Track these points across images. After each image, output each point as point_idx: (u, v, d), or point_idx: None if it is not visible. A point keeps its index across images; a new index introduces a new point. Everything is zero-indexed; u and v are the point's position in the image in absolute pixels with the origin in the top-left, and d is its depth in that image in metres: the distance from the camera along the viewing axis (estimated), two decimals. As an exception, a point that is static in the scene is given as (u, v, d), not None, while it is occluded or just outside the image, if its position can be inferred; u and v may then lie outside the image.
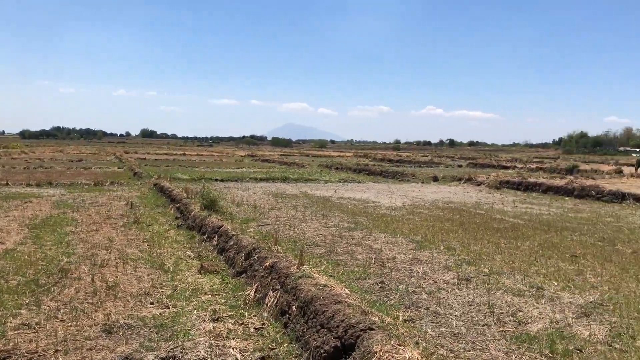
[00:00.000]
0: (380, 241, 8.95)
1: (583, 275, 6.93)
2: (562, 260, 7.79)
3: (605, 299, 5.84)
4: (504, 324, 5.01)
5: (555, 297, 5.92)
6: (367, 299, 5.52)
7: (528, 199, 17.44)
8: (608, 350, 4.39)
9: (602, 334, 4.77)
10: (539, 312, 5.36)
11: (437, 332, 4.73)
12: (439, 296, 5.86)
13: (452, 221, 11.53)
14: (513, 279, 6.64)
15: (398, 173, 27.58)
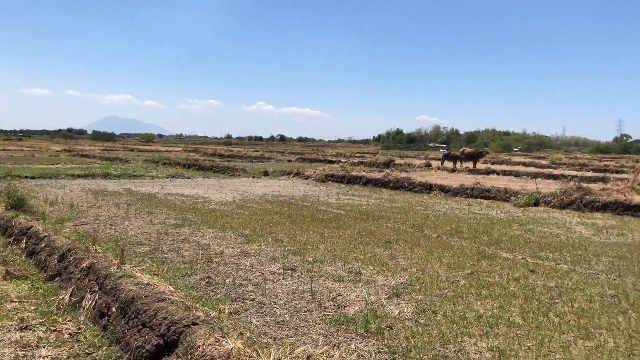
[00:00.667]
0: (208, 237, 8.87)
1: (395, 259, 7.57)
2: (378, 247, 8.43)
3: (413, 280, 6.46)
4: (325, 309, 5.29)
5: (371, 280, 6.40)
6: (192, 295, 5.44)
7: (350, 191, 18.56)
8: (414, 326, 4.87)
9: (410, 311, 5.28)
10: (356, 295, 5.76)
11: (262, 322, 4.84)
12: (265, 287, 5.99)
13: (281, 214, 11.83)
14: (334, 266, 7.03)
15: (229, 168, 27.51)
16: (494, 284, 6.39)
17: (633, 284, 6.52)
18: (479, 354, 4.25)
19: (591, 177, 25.06)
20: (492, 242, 9.11)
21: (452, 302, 5.59)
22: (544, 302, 5.69)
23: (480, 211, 13.61)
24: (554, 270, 7.16)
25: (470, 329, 4.81)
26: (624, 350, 4.37)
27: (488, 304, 5.59)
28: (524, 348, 4.38)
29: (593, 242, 9.38)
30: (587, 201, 14.21)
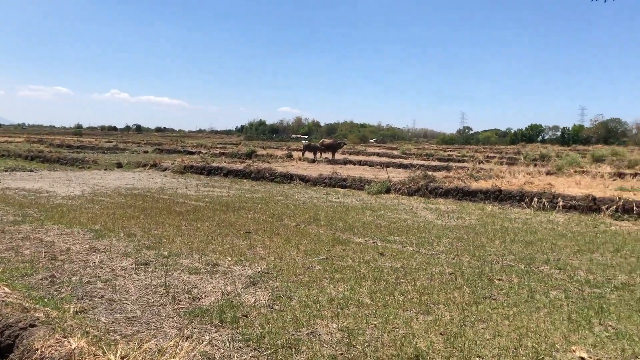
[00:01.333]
0: (53, 233, 8.24)
1: (254, 249, 7.63)
2: (237, 237, 8.42)
3: (270, 268, 6.56)
4: (179, 302, 5.19)
5: (229, 271, 6.39)
6: (32, 296, 5.04)
7: (211, 182, 18.28)
8: (269, 312, 4.96)
9: (265, 299, 5.36)
10: (213, 287, 5.72)
11: (111, 319, 4.63)
12: (115, 283, 5.73)
13: (135, 207, 11.33)
14: (191, 259, 6.91)
15: (78, 160, 25.68)
16: (346, 267, 6.70)
17: (468, 262, 7.21)
18: (330, 335, 4.44)
19: (436, 166, 27.17)
20: (347, 228, 9.53)
21: (307, 287, 5.77)
22: (391, 282, 6.09)
23: (337, 199, 14.14)
24: (400, 253, 7.67)
25: (322, 311, 5.00)
26: (458, 322, 4.82)
27: (340, 286, 5.85)
28: (370, 326, 4.66)
29: (436, 226, 10.19)
30: (431, 188, 15.39)
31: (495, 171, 21.91)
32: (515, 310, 5.20)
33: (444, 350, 4.18)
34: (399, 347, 4.21)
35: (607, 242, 8.83)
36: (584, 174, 21.78)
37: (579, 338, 4.48)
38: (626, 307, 5.35)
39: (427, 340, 4.35)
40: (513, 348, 4.24)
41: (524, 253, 7.86)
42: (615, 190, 15.23)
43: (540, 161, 31.80)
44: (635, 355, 4.15)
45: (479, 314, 5.07)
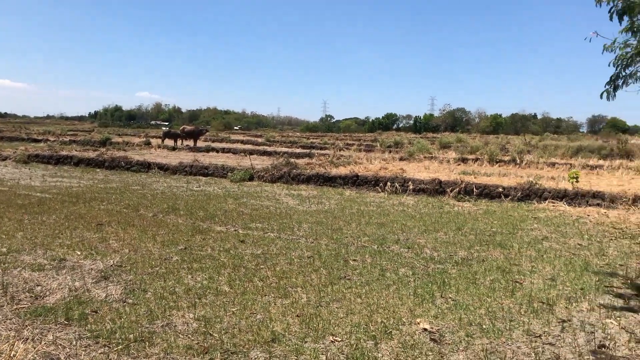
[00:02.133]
0: None
1: (106, 242, 7.22)
2: (87, 230, 7.92)
3: (124, 261, 6.26)
4: (20, 302, 4.77)
5: (77, 266, 5.99)
6: None
7: (59, 172, 16.96)
8: (121, 307, 4.74)
9: (118, 293, 5.11)
10: (59, 283, 5.33)
11: None
12: (-59, 286, 5.11)
13: (-32, 201, 10.17)
14: (34, 255, 6.37)
15: None
16: (205, 256, 6.60)
17: (326, 245, 7.46)
18: (186, 325, 4.36)
19: (300, 153, 27.68)
20: (208, 217, 9.38)
21: (163, 279, 5.60)
22: (251, 268, 6.12)
23: (199, 188, 13.85)
24: (262, 239, 7.73)
25: (179, 302, 4.89)
26: (314, 303, 4.98)
27: (198, 276, 5.76)
28: (228, 313, 4.65)
29: (297, 211, 10.40)
30: (294, 175, 15.66)
31: (354, 158, 22.89)
32: (367, 288, 5.48)
33: (299, 331, 4.29)
34: (256, 331, 4.25)
35: (450, 221, 9.62)
36: (432, 160, 23.51)
37: (423, 311, 4.85)
38: (464, 280, 5.89)
39: (284, 323, 4.44)
40: (364, 324, 4.47)
41: (377, 234, 8.31)
42: (459, 174, 16.64)
43: (394, 148, 33.76)
44: (470, 322, 4.58)
45: (334, 294, 5.27)
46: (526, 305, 5.04)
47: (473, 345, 4.11)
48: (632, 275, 6.20)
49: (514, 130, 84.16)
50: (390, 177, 14.60)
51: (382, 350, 3.98)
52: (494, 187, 13.05)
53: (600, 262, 6.86)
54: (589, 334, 4.40)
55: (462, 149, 29.81)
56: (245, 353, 3.88)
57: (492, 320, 4.65)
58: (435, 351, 3.99)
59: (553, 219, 10.02)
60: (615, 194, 11.77)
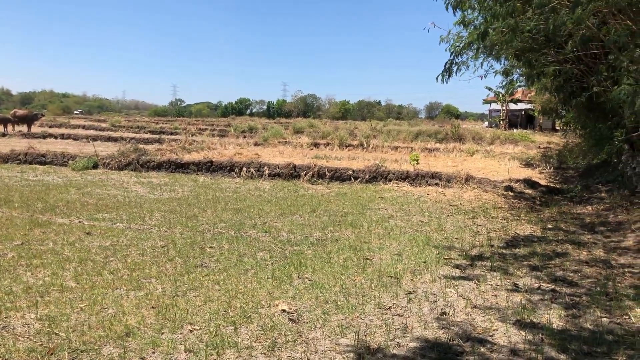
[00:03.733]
0: None
1: None
2: None
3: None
4: None
5: None
6: None
7: None
8: (-54, 312, 4.20)
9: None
10: None
11: None
12: None
13: None
14: None
15: None
16: (47, 251, 6.09)
17: (180, 233, 7.26)
18: (27, 326, 3.99)
19: (149, 138, 26.51)
20: (47, 209, 8.64)
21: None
22: (99, 262, 5.76)
23: (35, 177, 12.68)
24: (110, 230, 7.30)
25: (17, 302, 4.47)
26: (170, 293, 4.83)
27: (40, 273, 5.30)
28: (76, 310, 4.34)
29: (148, 200, 9.97)
30: (143, 161, 14.96)
31: (207, 143, 22.46)
32: (225, 274, 5.44)
33: (155, 323, 4.14)
34: (108, 327, 4.02)
35: (305, 204, 9.87)
36: (286, 145, 23.89)
37: (281, 293, 4.94)
38: (319, 260, 6.09)
39: (138, 316, 4.26)
40: (223, 310, 4.44)
41: (234, 220, 8.27)
42: (312, 158, 17.11)
43: (248, 133, 33.70)
44: (326, 300, 4.76)
45: (191, 282, 5.16)
46: (376, 280, 5.36)
47: (329, 322, 4.28)
48: (466, 248, 6.87)
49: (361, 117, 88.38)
50: (246, 163, 14.58)
51: (241, 334, 3.99)
52: (345, 170, 13.62)
53: (439, 236, 7.50)
54: (432, 303, 4.80)
55: (314, 134, 30.63)
56: (97, 350, 3.66)
57: (346, 296, 4.87)
58: (294, 331, 4.09)
59: (398, 199, 10.73)
60: (451, 174, 12.91)
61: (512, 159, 19.44)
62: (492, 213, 9.38)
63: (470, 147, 23.01)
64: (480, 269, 5.90)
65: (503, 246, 7.01)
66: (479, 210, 9.65)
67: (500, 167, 16.63)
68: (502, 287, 5.29)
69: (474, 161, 18.84)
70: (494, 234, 7.78)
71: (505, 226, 8.30)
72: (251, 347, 3.79)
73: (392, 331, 4.13)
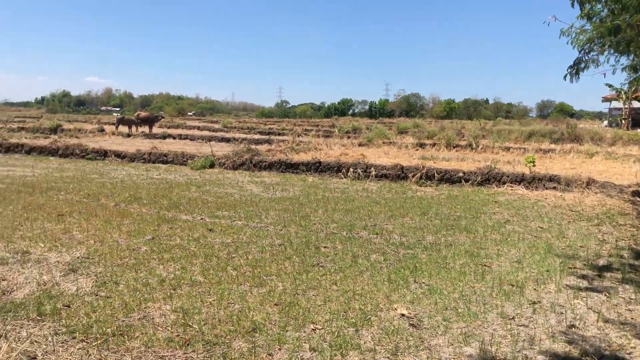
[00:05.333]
0: None
1: (70, 233, 7.02)
2: (48, 221, 7.67)
3: (91, 252, 6.10)
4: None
5: (42, 258, 5.81)
6: None
7: (10, 161, 16.31)
8: (95, 300, 4.62)
9: (89, 286, 4.98)
10: (25, 277, 5.15)
11: None
12: None
13: None
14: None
15: None
16: (175, 246, 6.51)
17: (295, 232, 7.46)
18: (164, 317, 4.29)
19: (258, 139, 27.47)
20: (172, 206, 9.22)
21: (134, 270, 5.49)
22: (223, 258, 6.07)
23: (159, 176, 13.59)
24: (230, 227, 7.66)
25: (153, 294, 4.81)
26: (291, 291, 4.99)
27: (170, 266, 5.67)
28: (206, 304, 4.61)
29: (262, 199, 10.35)
30: (256, 161, 15.54)
31: (314, 144, 22.89)
32: (341, 275, 5.53)
33: (279, 320, 4.30)
34: (235, 321, 4.23)
35: (414, 206, 9.77)
36: (391, 145, 23.77)
37: (399, 296, 4.93)
38: (435, 265, 6.01)
39: (263, 312, 4.43)
40: (343, 311, 4.51)
41: (345, 220, 8.36)
42: (419, 159, 16.89)
43: (352, 133, 33.90)
44: (445, 307, 4.69)
45: (310, 281, 5.29)
46: (497, 289, 5.19)
47: (451, 329, 4.20)
48: (592, 257, 6.46)
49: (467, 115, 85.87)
50: (353, 163, 14.69)
51: (363, 336, 4.03)
52: (454, 171, 13.31)
53: (561, 244, 7.12)
54: (559, 314, 4.57)
55: (419, 134, 30.22)
56: (228, 344, 3.86)
57: (466, 304, 4.77)
58: (416, 336, 4.06)
59: (513, 203, 10.32)
60: (570, 177, 12.20)
61: (638, 162, 17.99)
62: (619, 220, 8.75)
63: (589, 148, 21.58)
64: (610, 281, 5.53)
65: (634, 257, 6.52)
66: (603, 216, 9.04)
67: (625, 170, 15.46)
68: (637, 301, 4.92)
69: (594, 163, 17.66)
70: (623, 243, 7.25)
71: (635, 235, 7.71)
72: (374, 349, 3.82)
73: (519, 342, 3.98)
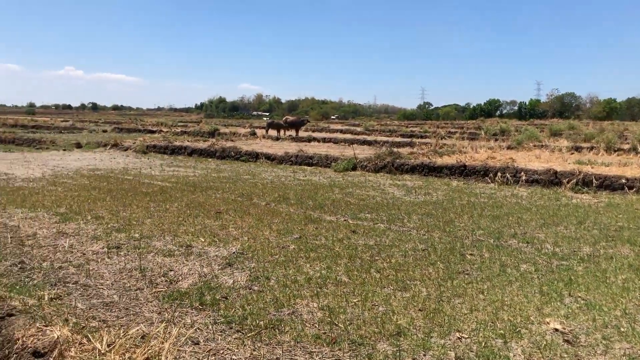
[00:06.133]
0: (17, 217, 7.99)
1: (226, 229, 7.57)
2: (207, 218, 8.34)
3: (245, 248, 6.53)
4: (157, 285, 5.13)
5: (203, 252, 6.33)
6: (4, 283, 4.89)
7: (175, 162, 17.99)
8: (249, 293, 4.95)
9: (244, 280, 5.34)
10: (189, 269, 5.66)
11: (89, 305, 4.53)
12: (88, 268, 5.60)
13: (99, 189, 11.06)
14: (164, 241, 6.82)
15: (35, 140, 24.82)
16: (320, 246, 6.73)
17: (439, 238, 7.34)
18: (311, 314, 4.47)
19: (400, 142, 27.38)
20: (317, 207, 9.55)
21: (284, 267, 5.78)
22: (366, 259, 6.16)
23: (305, 177, 14.14)
24: (372, 230, 7.75)
25: (301, 291, 5.03)
26: (435, 298, 4.92)
27: (316, 265, 5.88)
28: (351, 304, 4.71)
29: (404, 202, 10.32)
30: (398, 164, 15.53)
31: (458, 146, 22.25)
32: (488, 284, 5.34)
33: (424, 326, 4.26)
34: (380, 324, 4.27)
35: (570, 215, 9.11)
36: (542, 148, 22.33)
37: (551, 310, 4.64)
38: (593, 278, 5.56)
39: (407, 317, 4.43)
40: (490, 322, 4.36)
41: (492, 227, 8.05)
42: (574, 163, 15.69)
43: (500, 136, 32.44)
44: (605, 324, 4.32)
45: (455, 289, 5.18)
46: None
47: (612, 350, 3.87)
48: None
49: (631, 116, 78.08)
50: (500, 167, 14.07)
51: (512, 349, 3.86)
52: (616, 178, 12.19)
53: None
54: None
55: (574, 136, 28.12)
56: (372, 345, 3.92)
57: (630, 322, 4.36)
58: (571, 353, 3.80)
59: (688, 214, 9.19)
60: None
61: None
62: None
63: None
64: None
65: None
66: None
67: None
68: None
69: None
70: None
71: None
72: (524, 364, 3.64)
73: (695, 371, 3.55)
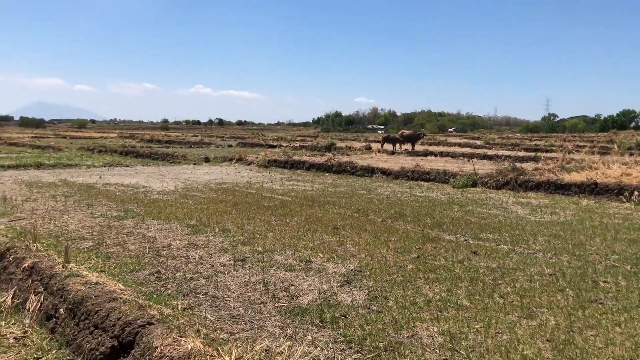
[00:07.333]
0: (153, 229, 8.68)
1: (344, 246, 7.68)
2: (325, 233, 8.51)
3: (363, 266, 6.57)
4: (279, 300, 5.32)
5: (322, 268, 6.47)
6: (143, 292, 5.34)
7: (294, 176, 18.57)
8: (367, 313, 4.98)
9: (362, 299, 5.38)
10: (309, 285, 5.81)
11: (217, 317, 4.81)
12: (216, 280, 5.95)
13: (226, 202, 11.71)
14: (284, 255, 7.06)
15: (168, 155, 26.87)
16: (440, 267, 6.60)
17: (568, 262, 6.90)
18: (431, 339, 4.40)
19: (523, 156, 26.15)
20: (435, 225, 9.38)
21: (402, 287, 5.74)
22: (488, 283, 5.94)
23: (422, 193, 13.95)
24: (495, 251, 7.46)
25: (421, 313, 4.96)
26: (564, 328, 4.63)
27: (436, 287, 5.77)
28: (472, 330, 4.57)
29: (529, 222, 9.83)
30: (521, 181, 14.83)
31: (588, 162, 20.78)
32: (626, 316, 4.92)
33: (552, 358, 4.03)
34: (504, 353, 4.10)
35: None
36: (688, 164, 20.19)
37: (702, 350, 4.18)
38: None
39: (534, 347, 4.21)
40: (629, 358, 4.02)
41: (629, 252, 7.42)
42: None
43: (636, 150, 29.85)
44: None
45: (587, 319, 4.84)
46: None
47: None
48: None
49: None
50: (637, 185, 12.94)
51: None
52: None
53: None
54: None
55: None
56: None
57: None
58: None
59: None
60: None
61: None
62: None
63: None
64: None
65: None
66: None
67: None
68: None
69: None
70: None
71: None
72: (670, 410, 3.31)
73: None
